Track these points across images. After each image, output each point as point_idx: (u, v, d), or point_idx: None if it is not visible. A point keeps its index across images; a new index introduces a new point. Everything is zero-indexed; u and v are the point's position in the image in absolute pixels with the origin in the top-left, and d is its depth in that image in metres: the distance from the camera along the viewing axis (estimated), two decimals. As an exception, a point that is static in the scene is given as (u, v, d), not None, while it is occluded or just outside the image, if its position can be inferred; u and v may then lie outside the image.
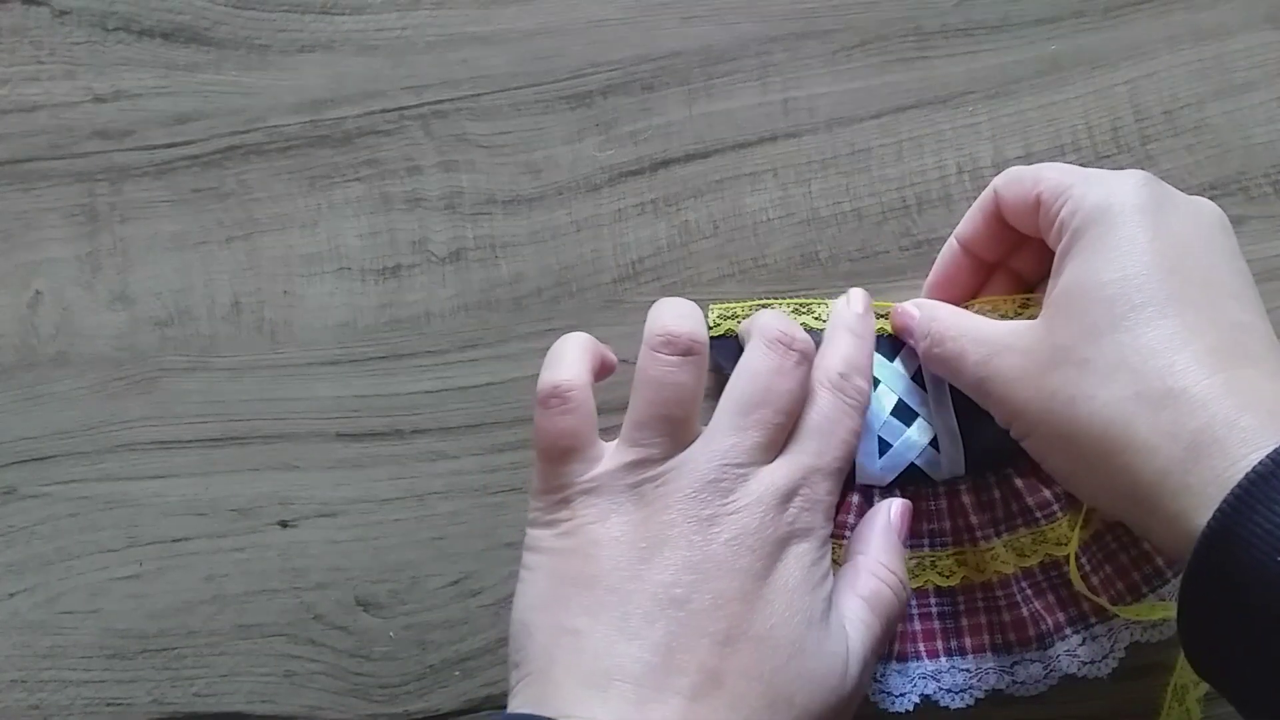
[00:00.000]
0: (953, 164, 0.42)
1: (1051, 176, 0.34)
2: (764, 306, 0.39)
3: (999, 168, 0.41)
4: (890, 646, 0.37)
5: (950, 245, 0.39)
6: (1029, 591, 0.37)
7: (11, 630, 0.41)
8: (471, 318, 0.42)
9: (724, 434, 0.32)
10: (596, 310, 0.41)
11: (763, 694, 0.29)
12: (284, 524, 0.41)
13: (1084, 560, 0.37)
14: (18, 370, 0.42)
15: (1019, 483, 0.37)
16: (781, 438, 0.33)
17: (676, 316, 0.33)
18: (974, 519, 0.37)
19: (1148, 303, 0.30)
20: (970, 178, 0.42)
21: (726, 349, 0.39)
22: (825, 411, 0.34)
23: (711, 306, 0.39)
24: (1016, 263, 0.38)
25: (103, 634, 0.41)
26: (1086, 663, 0.37)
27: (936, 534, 0.38)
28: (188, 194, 0.42)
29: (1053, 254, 0.34)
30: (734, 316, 0.39)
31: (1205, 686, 0.37)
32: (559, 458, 0.32)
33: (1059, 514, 0.37)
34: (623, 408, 0.33)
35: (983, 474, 0.38)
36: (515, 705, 0.30)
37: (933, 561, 0.38)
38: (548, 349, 0.41)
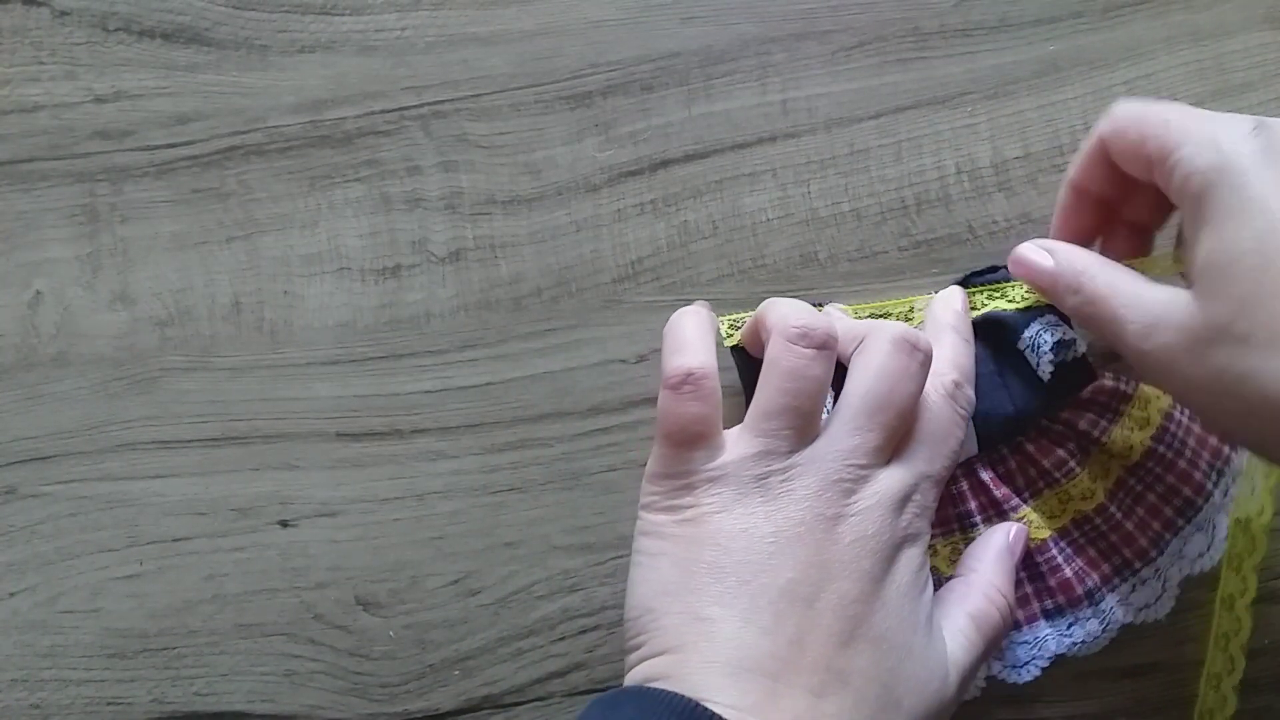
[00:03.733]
0: (951, 164, 0.42)
1: (1156, 134, 0.32)
2: None
3: (998, 168, 0.42)
4: None
5: (1065, 192, 0.37)
6: (1069, 551, 0.37)
7: (12, 630, 0.41)
8: (471, 318, 0.42)
9: (848, 433, 0.32)
10: (596, 310, 0.41)
11: (879, 695, 0.30)
12: (284, 523, 0.41)
13: (1114, 509, 0.37)
14: (18, 370, 0.42)
15: (1030, 448, 0.37)
16: (897, 440, 0.33)
17: (808, 311, 0.33)
18: (997, 494, 0.37)
19: None
20: (969, 178, 0.42)
21: (740, 361, 0.38)
22: (940, 419, 0.34)
23: (722, 319, 0.39)
24: (1132, 211, 0.37)
25: (103, 633, 0.41)
26: (1141, 608, 0.37)
27: (965, 516, 0.37)
28: (188, 194, 0.43)
29: (1167, 200, 0.33)
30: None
31: (1253, 593, 0.38)
32: (686, 443, 0.32)
33: (1077, 470, 0.37)
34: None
35: (995, 447, 0.38)
36: (642, 683, 0.30)
37: (966, 544, 0.37)
38: (546, 349, 0.41)
